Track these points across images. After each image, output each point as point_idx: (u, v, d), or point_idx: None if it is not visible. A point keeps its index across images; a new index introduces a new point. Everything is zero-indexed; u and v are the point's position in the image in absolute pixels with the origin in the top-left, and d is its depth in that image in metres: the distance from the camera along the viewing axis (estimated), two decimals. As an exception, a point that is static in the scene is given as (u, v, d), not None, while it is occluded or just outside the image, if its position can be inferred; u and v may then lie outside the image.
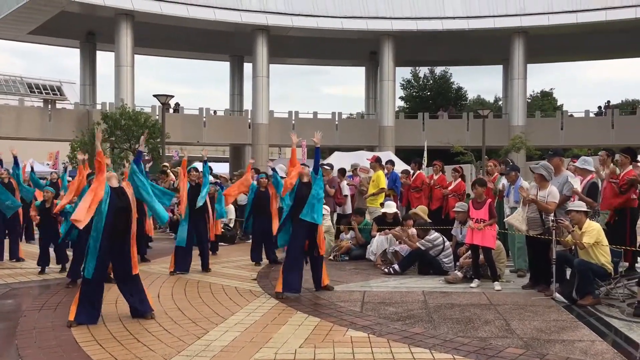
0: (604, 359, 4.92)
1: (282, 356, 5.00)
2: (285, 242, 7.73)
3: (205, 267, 9.35)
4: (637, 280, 6.81)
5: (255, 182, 10.71)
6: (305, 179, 7.76)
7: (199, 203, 9.23)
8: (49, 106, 34.63)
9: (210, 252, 10.39)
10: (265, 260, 10.20)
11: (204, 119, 36.26)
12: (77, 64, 38.16)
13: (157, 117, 29.93)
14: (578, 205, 7.18)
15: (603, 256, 6.94)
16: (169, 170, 15.02)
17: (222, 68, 60.26)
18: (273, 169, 9.97)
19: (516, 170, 8.93)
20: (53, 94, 39.63)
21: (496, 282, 7.95)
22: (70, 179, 10.96)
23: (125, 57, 31.95)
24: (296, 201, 7.66)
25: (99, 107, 33.79)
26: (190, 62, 63.84)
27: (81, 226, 5.94)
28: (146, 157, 28.41)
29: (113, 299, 7.30)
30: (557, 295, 7.08)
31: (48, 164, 36.12)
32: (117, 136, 26.97)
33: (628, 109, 43.47)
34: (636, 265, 8.76)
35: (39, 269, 9.29)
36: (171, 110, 33.96)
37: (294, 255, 7.50)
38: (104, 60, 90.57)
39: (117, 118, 26.82)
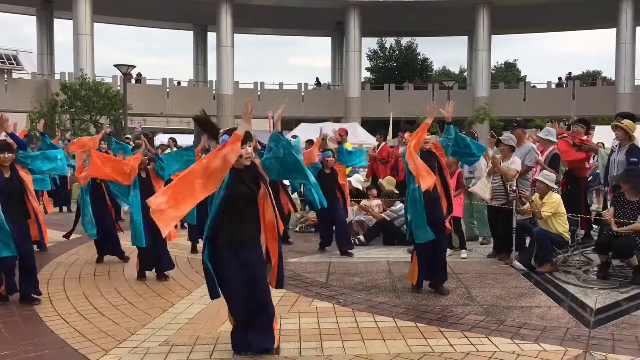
0: (559, 324, 5.10)
1: (248, 327, 5.03)
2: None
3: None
4: (593, 247, 7.05)
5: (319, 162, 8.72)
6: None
7: None
8: (5, 76, 33.42)
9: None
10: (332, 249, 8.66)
11: (167, 90, 35.63)
12: (34, 32, 36.90)
13: (118, 87, 29.26)
14: (549, 179, 7.30)
15: (561, 225, 7.15)
16: (131, 142, 14.76)
17: (185, 38, 58.99)
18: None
19: None
20: (9, 64, 38.11)
21: (463, 250, 8.14)
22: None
23: (84, 25, 30.98)
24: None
25: (57, 77, 32.81)
26: (153, 31, 62.37)
27: None
28: (108, 130, 27.84)
29: (76, 273, 7.23)
30: (517, 263, 7.28)
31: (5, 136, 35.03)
32: (77, 107, 26.30)
33: (588, 80, 44.30)
34: (592, 232, 9.08)
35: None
36: (133, 81, 33.22)
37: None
38: (63, 28, 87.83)
39: (77, 88, 26.11)
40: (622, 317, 5.31)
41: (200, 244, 8.41)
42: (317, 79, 39.73)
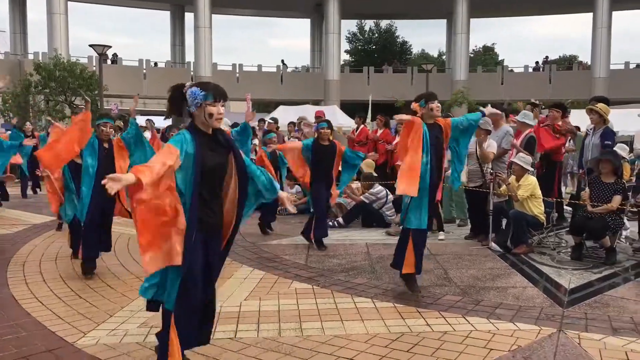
0: (534, 304, 5.20)
1: (227, 309, 5.04)
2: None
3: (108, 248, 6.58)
4: (567, 229, 7.17)
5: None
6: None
7: None
8: (-24, 56, 32.73)
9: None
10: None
11: (144, 71, 35.10)
12: (7, 11, 36.07)
13: (94, 68, 28.78)
14: (525, 161, 7.38)
15: (537, 208, 7.26)
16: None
17: (162, 18, 58.02)
18: None
19: None
20: (-20, 43, 37.36)
21: (441, 232, 8.21)
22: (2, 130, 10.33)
23: (57, 4, 30.31)
24: None
25: (31, 57, 32.14)
26: (129, 10, 61.22)
27: None
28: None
29: (52, 255, 7.16)
30: (493, 244, 7.39)
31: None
32: (52, 88, 25.81)
33: (565, 64, 44.72)
34: (565, 214, 9.23)
35: None
36: (109, 62, 32.67)
37: None
38: (37, 6, 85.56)
39: (51, 69, 25.60)
40: (594, 297, 5.43)
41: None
42: (282, 61, 39.52)
